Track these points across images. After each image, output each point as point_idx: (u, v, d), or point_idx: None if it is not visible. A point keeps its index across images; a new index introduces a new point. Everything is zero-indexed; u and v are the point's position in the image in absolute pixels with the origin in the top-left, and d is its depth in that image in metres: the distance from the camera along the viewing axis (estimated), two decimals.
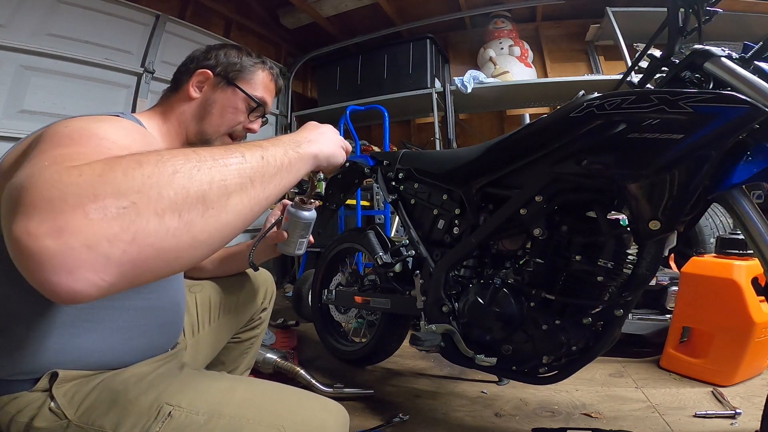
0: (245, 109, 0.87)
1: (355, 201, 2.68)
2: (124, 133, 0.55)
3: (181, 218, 0.34)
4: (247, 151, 0.43)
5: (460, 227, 1.15)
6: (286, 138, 0.53)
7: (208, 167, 0.37)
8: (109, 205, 0.30)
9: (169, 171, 0.34)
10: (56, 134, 0.48)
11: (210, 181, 0.36)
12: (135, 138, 0.57)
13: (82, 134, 0.48)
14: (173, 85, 0.87)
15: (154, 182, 0.33)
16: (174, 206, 0.33)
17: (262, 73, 0.89)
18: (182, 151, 0.37)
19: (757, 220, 0.76)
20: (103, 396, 0.61)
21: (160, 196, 0.33)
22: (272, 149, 0.47)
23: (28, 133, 0.60)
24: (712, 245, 1.83)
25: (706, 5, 0.91)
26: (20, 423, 0.59)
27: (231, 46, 0.89)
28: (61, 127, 0.51)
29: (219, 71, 0.85)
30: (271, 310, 1.21)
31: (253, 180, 0.41)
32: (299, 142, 0.54)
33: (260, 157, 0.44)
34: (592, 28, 3.15)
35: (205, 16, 3.04)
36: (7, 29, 1.94)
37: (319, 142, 0.58)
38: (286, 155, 0.48)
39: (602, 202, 0.92)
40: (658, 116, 0.76)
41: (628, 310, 0.91)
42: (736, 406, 1.22)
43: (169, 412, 0.59)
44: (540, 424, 1.17)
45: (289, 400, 0.66)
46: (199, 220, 0.35)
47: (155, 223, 0.32)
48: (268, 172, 0.44)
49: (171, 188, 0.34)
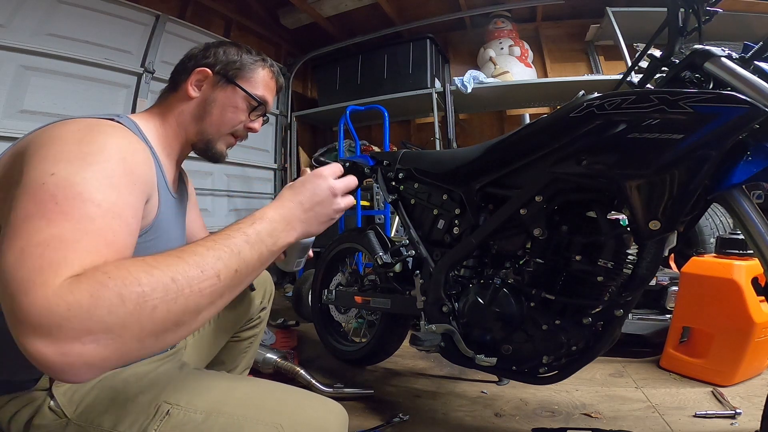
0: (246, 108, 0.84)
1: (355, 201, 2.68)
2: (109, 184, 0.51)
3: (158, 339, 0.41)
4: (223, 269, 0.46)
5: (460, 227, 1.15)
6: (269, 226, 0.54)
7: (185, 297, 0.42)
8: (100, 338, 0.38)
9: (149, 308, 0.40)
10: (41, 187, 0.46)
11: (185, 310, 0.43)
12: (121, 183, 0.53)
13: (67, 196, 0.46)
14: (171, 84, 0.85)
15: (136, 319, 0.39)
16: (152, 333, 0.41)
17: (263, 70, 0.87)
18: (162, 281, 0.41)
19: (757, 220, 0.76)
20: (102, 395, 0.61)
21: (142, 329, 0.40)
22: (248, 254, 0.50)
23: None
24: (712, 245, 1.83)
25: (706, 5, 0.91)
26: (20, 422, 0.59)
27: (230, 44, 0.86)
28: (49, 176, 0.47)
29: (218, 69, 0.82)
30: (269, 309, 1.21)
31: (223, 293, 0.47)
32: (279, 234, 0.55)
33: (234, 271, 0.48)
34: (592, 28, 3.15)
35: (205, 16, 3.04)
36: (7, 29, 1.94)
37: (304, 224, 0.59)
38: (261, 257, 0.52)
39: (602, 202, 0.92)
40: (658, 116, 0.76)
41: (628, 310, 0.91)
42: (736, 406, 1.22)
43: (167, 410, 0.59)
44: (540, 424, 1.17)
45: (289, 399, 0.66)
46: (171, 336, 0.43)
47: (137, 346, 0.40)
48: (239, 280, 0.49)
49: (150, 322, 0.40)
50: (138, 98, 2.46)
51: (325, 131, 4.08)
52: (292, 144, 3.59)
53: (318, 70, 3.72)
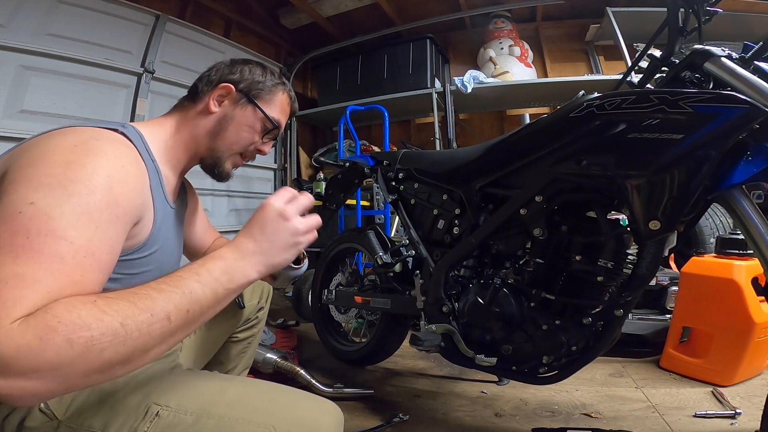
0: (260, 130, 0.84)
1: (355, 201, 2.68)
2: (87, 220, 0.50)
3: (104, 373, 0.43)
4: (174, 310, 0.47)
5: (460, 227, 1.15)
6: (223, 264, 0.54)
7: (134, 340, 0.44)
8: (48, 376, 0.40)
9: (97, 350, 0.41)
10: (17, 213, 0.47)
11: (133, 351, 0.44)
12: (100, 217, 0.52)
13: (40, 230, 0.46)
14: (191, 94, 0.84)
15: (83, 360, 0.41)
16: (99, 371, 0.43)
17: (282, 95, 0.87)
18: (111, 327, 0.43)
19: (757, 220, 0.76)
20: (93, 396, 0.61)
21: (88, 368, 0.42)
22: (200, 293, 0.51)
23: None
24: (712, 245, 1.83)
25: (706, 5, 0.91)
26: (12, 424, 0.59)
27: (256, 63, 0.87)
28: (27, 205, 0.47)
29: (242, 87, 0.82)
30: (268, 308, 1.21)
31: (175, 332, 0.48)
32: (234, 271, 0.55)
33: (185, 311, 0.49)
34: (592, 28, 3.15)
35: (205, 16, 3.04)
36: (7, 29, 1.94)
37: (263, 256, 0.58)
38: (216, 296, 0.52)
39: (602, 202, 0.92)
40: (658, 116, 0.76)
41: (628, 310, 0.91)
42: (736, 406, 1.22)
43: (156, 411, 0.59)
44: (540, 424, 1.17)
45: (282, 399, 0.65)
46: (120, 370, 0.45)
47: (83, 380, 0.43)
48: (193, 319, 0.50)
49: (98, 362, 0.42)
50: (138, 98, 2.46)
51: (325, 131, 4.08)
52: (292, 144, 3.59)
53: (318, 70, 3.72)
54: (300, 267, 0.84)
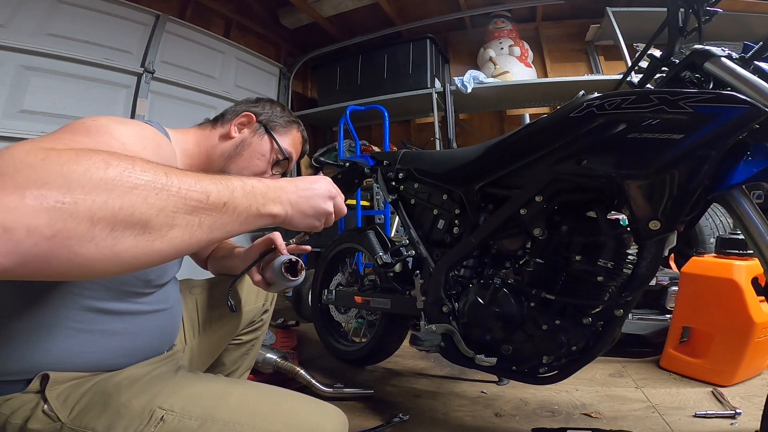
0: (271, 161, 0.91)
1: (355, 201, 2.68)
2: (139, 139, 0.59)
3: (111, 234, 0.34)
4: (215, 192, 0.43)
5: (460, 227, 1.15)
6: (264, 187, 0.52)
7: (166, 195, 0.37)
8: (50, 196, 0.31)
9: (129, 184, 0.34)
10: (81, 123, 0.54)
11: (162, 208, 0.37)
12: (148, 146, 0.60)
13: (99, 129, 0.53)
14: (218, 117, 0.93)
15: (108, 189, 0.33)
16: (112, 219, 0.33)
17: (296, 132, 0.96)
18: (154, 167, 0.38)
19: (757, 220, 0.76)
20: (96, 399, 0.61)
21: (105, 205, 0.33)
22: (240, 197, 0.47)
23: (28, 133, 0.62)
24: (712, 245, 1.83)
25: (706, 5, 0.91)
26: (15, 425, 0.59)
27: (278, 104, 0.98)
28: (90, 120, 0.55)
29: (262, 119, 0.91)
30: (272, 311, 1.21)
31: (202, 223, 0.42)
32: (269, 198, 0.52)
33: (222, 204, 0.44)
34: (592, 28, 3.15)
35: (205, 16, 3.04)
36: (7, 29, 1.94)
37: (292, 206, 0.56)
38: (249, 210, 0.48)
39: (602, 202, 0.92)
40: (658, 116, 0.76)
41: (628, 310, 0.91)
42: (736, 406, 1.22)
43: (161, 416, 0.59)
44: (540, 424, 1.17)
45: (285, 404, 0.65)
46: (129, 240, 0.35)
47: (84, 228, 0.32)
48: (223, 220, 0.44)
49: (120, 201, 0.34)
50: (138, 98, 2.46)
51: (325, 131, 4.08)
52: None
53: (318, 70, 3.71)
54: (296, 279, 0.85)
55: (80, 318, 0.64)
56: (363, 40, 3.48)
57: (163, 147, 0.68)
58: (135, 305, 0.71)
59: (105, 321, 0.67)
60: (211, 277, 1.09)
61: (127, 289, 0.69)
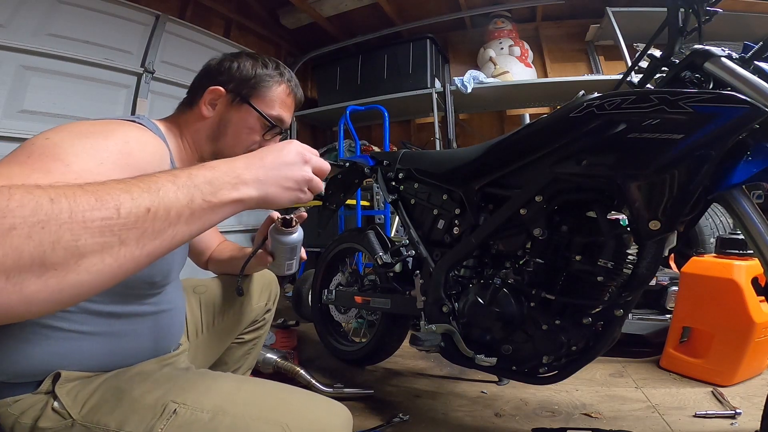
0: (261, 129, 0.80)
1: (355, 201, 2.68)
2: (95, 153, 0.50)
3: (10, 279, 0.31)
4: (128, 201, 0.36)
5: (460, 227, 1.15)
6: (210, 173, 0.45)
7: (55, 226, 0.32)
8: None
9: (5, 227, 0.30)
10: (31, 144, 0.48)
11: (54, 241, 0.32)
12: (110, 158, 0.51)
13: (45, 151, 0.46)
14: (188, 98, 0.82)
15: None
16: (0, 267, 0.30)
17: (278, 87, 0.81)
18: (38, 196, 0.32)
19: (757, 220, 0.76)
20: (108, 394, 0.62)
21: None
22: (172, 194, 0.40)
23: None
24: (712, 245, 1.83)
25: (706, 5, 0.91)
26: (24, 425, 0.59)
27: (246, 56, 0.82)
28: (42, 138, 0.49)
29: (231, 88, 0.78)
30: (274, 310, 1.21)
31: (126, 239, 0.36)
32: (222, 184, 0.45)
33: (145, 210, 0.37)
34: (592, 28, 3.15)
35: (205, 16, 3.04)
36: (7, 29, 1.94)
37: (262, 184, 0.49)
38: (192, 204, 0.42)
39: (602, 202, 0.92)
40: (658, 116, 0.76)
41: (628, 310, 0.91)
42: (736, 406, 1.22)
43: (174, 409, 0.59)
44: (540, 424, 1.17)
45: (294, 399, 0.66)
46: (35, 281, 0.32)
47: None
48: (155, 227, 0.38)
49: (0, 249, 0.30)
50: (138, 98, 2.46)
51: (325, 131, 4.08)
52: None
53: (318, 70, 3.72)
54: (291, 231, 0.82)
55: (87, 321, 0.64)
56: (363, 40, 3.48)
57: (147, 149, 0.61)
58: (141, 307, 0.72)
59: (112, 323, 0.67)
60: (214, 276, 1.09)
61: (132, 292, 0.70)
